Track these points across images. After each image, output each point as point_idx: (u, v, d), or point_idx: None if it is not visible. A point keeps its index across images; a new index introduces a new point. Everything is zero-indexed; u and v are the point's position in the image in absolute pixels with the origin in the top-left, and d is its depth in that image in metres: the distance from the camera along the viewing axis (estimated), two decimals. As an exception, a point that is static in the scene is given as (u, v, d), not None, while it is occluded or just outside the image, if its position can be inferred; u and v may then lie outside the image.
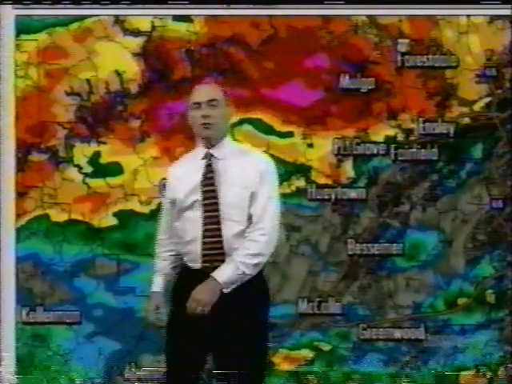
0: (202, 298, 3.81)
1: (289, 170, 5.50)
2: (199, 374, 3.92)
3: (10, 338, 5.44)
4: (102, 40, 5.49)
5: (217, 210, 3.84)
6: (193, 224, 3.87)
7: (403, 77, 5.50)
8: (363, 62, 5.49)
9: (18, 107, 5.46)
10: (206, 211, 3.85)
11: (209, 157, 3.96)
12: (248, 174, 3.92)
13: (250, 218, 3.90)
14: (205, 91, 4.01)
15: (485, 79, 5.49)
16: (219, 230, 3.84)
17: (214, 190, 3.86)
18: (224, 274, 3.84)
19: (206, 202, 3.85)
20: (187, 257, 3.92)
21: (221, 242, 3.86)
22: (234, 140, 4.30)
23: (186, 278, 3.92)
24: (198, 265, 3.87)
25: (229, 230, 3.86)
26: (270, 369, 5.47)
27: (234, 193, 3.88)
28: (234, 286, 3.88)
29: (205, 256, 3.88)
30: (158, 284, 4.09)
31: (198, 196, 3.87)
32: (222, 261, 3.84)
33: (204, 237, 3.86)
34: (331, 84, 5.49)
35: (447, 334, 5.50)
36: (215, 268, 3.82)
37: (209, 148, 3.98)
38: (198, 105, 3.98)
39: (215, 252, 3.86)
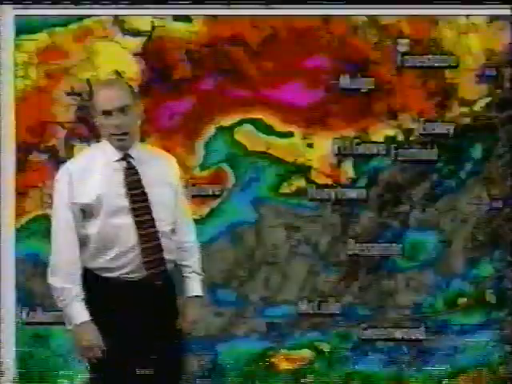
0: (197, 318, 3.74)
1: (289, 170, 5.50)
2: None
3: (10, 338, 5.44)
4: (101, 40, 5.49)
5: (149, 213, 3.60)
6: (126, 231, 3.56)
7: (403, 77, 5.50)
8: (363, 62, 5.49)
9: (18, 107, 5.45)
10: (137, 216, 3.57)
11: (127, 159, 3.69)
12: (167, 173, 3.78)
13: (175, 217, 3.74)
14: (115, 97, 3.64)
15: (485, 79, 5.49)
16: (156, 233, 3.60)
17: (143, 193, 3.61)
18: (199, 286, 3.78)
19: (135, 206, 3.58)
20: (124, 269, 3.57)
21: (159, 245, 3.61)
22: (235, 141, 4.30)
23: (120, 293, 3.56)
24: (139, 274, 3.58)
25: (163, 231, 3.65)
26: (269, 369, 5.48)
27: (161, 193, 3.69)
28: None
29: (147, 263, 3.59)
30: (83, 312, 3.57)
31: (124, 201, 3.59)
32: (164, 264, 3.62)
33: (142, 243, 3.57)
34: (331, 84, 5.49)
35: (447, 334, 5.50)
36: (159, 274, 3.60)
37: (124, 150, 3.70)
38: (109, 113, 3.64)
39: (157, 257, 3.61)
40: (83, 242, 3.60)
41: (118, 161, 3.67)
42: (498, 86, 5.49)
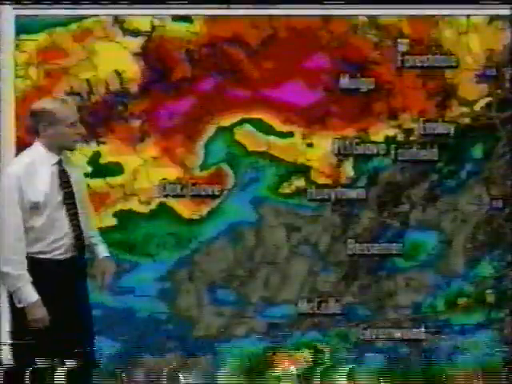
0: (113, 272, 4.54)
1: (289, 170, 5.50)
2: None
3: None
4: (101, 40, 5.49)
5: (75, 208, 4.40)
6: (61, 222, 4.36)
7: (403, 77, 5.50)
8: (363, 61, 5.49)
9: (18, 107, 5.45)
10: (68, 209, 4.38)
11: (60, 163, 4.41)
12: (75, 174, 4.50)
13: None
14: (74, 110, 4.45)
15: (485, 79, 5.49)
16: (79, 222, 4.41)
17: (72, 191, 4.40)
18: (106, 249, 4.59)
19: (66, 201, 4.37)
20: (57, 251, 4.36)
21: (81, 232, 4.42)
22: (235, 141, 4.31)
23: (51, 271, 4.35)
24: (67, 255, 4.39)
25: (82, 221, 4.45)
26: (269, 369, 5.48)
27: (79, 190, 4.46)
28: None
29: (75, 246, 4.40)
30: (32, 292, 4.30)
31: (59, 197, 4.36)
32: (84, 247, 4.46)
33: (73, 231, 4.39)
34: (331, 84, 5.49)
35: (447, 334, 5.50)
36: (81, 254, 4.45)
37: (59, 155, 4.42)
38: (73, 124, 4.40)
39: (81, 241, 4.42)
40: (27, 232, 4.32)
41: (54, 164, 4.38)
42: (498, 86, 5.49)
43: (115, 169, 5.50)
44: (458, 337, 5.50)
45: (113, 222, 5.47)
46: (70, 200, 4.39)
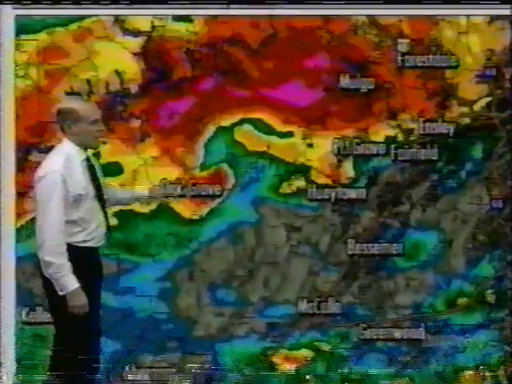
0: None
1: (289, 170, 5.50)
2: None
3: (10, 338, 5.45)
4: (101, 40, 5.50)
5: (103, 199, 4.78)
6: (96, 212, 4.73)
7: (403, 77, 5.50)
8: (363, 61, 5.49)
9: (18, 107, 5.46)
10: (100, 200, 4.74)
11: (88, 158, 4.75)
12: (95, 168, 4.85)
13: None
14: (95, 108, 4.83)
15: (485, 79, 5.49)
16: (106, 213, 4.81)
17: (100, 184, 4.77)
18: None
19: (97, 193, 4.73)
20: (94, 240, 4.73)
21: (108, 222, 4.84)
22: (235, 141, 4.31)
23: (88, 257, 4.71)
24: (101, 243, 4.78)
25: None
26: (269, 369, 5.49)
27: (101, 184, 4.83)
28: None
29: (105, 234, 4.80)
30: (74, 280, 4.60)
31: (92, 190, 4.70)
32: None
33: (105, 220, 4.79)
34: (331, 84, 5.49)
35: (447, 334, 5.50)
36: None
37: (85, 151, 4.75)
38: (96, 121, 4.72)
39: (108, 230, 4.83)
40: (70, 223, 4.61)
41: (83, 160, 4.70)
42: (498, 86, 5.49)
43: (115, 169, 5.50)
44: (458, 337, 5.50)
45: (113, 221, 5.47)
46: (100, 192, 4.74)
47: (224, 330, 5.51)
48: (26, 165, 5.47)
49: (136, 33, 5.50)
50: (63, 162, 4.61)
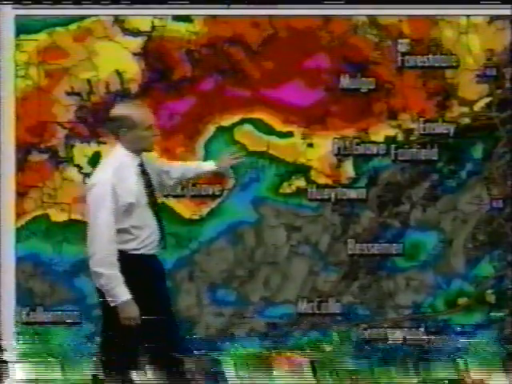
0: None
1: (289, 170, 5.50)
2: None
3: (10, 338, 5.45)
4: (101, 40, 5.50)
5: (156, 205, 4.70)
6: (150, 220, 4.64)
7: (403, 77, 5.50)
8: (363, 62, 5.49)
9: (18, 107, 5.46)
10: (153, 207, 4.65)
11: (142, 164, 4.67)
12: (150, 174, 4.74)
13: None
14: (149, 114, 4.73)
15: (485, 79, 5.49)
16: (160, 219, 4.69)
17: (153, 190, 4.70)
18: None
19: (150, 200, 4.64)
20: (148, 247, 4.63)
21: (164, 228, 4.73)
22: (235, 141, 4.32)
23: (145, 264, 4.61)
24: (155, 250, 4.67)
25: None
26: (269, 369, 5.48)
27: (155, 190, 4.74)
28: None
29: (159, 241, 4.69)
30: (125, 291, 4.51)
31: (145, 197, 4.62)
32: (165, 244, 4.77)
33: (159, 227, 4.68)
34: (331, 84, 5.49)
35: (447, 334, 5.50)
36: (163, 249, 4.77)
37: (139, 157, 4.68)
38: (150, 126, 4.67)
39: (162, 236, 4.72)
40: (122, 232, 4.53)
41: (137, 166, 4.62)
42: (498, 86, 5.49)
43: (115, 169, 5.49)
44: (458, 337, 5.50)
45: (113, 221, 5.47)
46: (153, 198, 4.67)
47: (224, 330, 5.52)
48: (25, 165, 5.48)
49: (136, 33, 5.50)
50: (114, 171, 4.54)
